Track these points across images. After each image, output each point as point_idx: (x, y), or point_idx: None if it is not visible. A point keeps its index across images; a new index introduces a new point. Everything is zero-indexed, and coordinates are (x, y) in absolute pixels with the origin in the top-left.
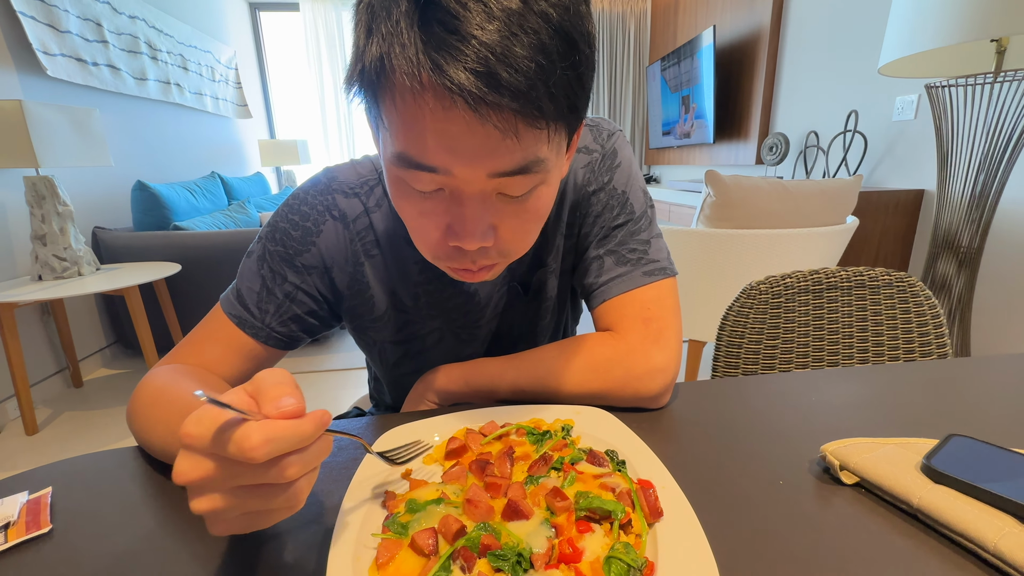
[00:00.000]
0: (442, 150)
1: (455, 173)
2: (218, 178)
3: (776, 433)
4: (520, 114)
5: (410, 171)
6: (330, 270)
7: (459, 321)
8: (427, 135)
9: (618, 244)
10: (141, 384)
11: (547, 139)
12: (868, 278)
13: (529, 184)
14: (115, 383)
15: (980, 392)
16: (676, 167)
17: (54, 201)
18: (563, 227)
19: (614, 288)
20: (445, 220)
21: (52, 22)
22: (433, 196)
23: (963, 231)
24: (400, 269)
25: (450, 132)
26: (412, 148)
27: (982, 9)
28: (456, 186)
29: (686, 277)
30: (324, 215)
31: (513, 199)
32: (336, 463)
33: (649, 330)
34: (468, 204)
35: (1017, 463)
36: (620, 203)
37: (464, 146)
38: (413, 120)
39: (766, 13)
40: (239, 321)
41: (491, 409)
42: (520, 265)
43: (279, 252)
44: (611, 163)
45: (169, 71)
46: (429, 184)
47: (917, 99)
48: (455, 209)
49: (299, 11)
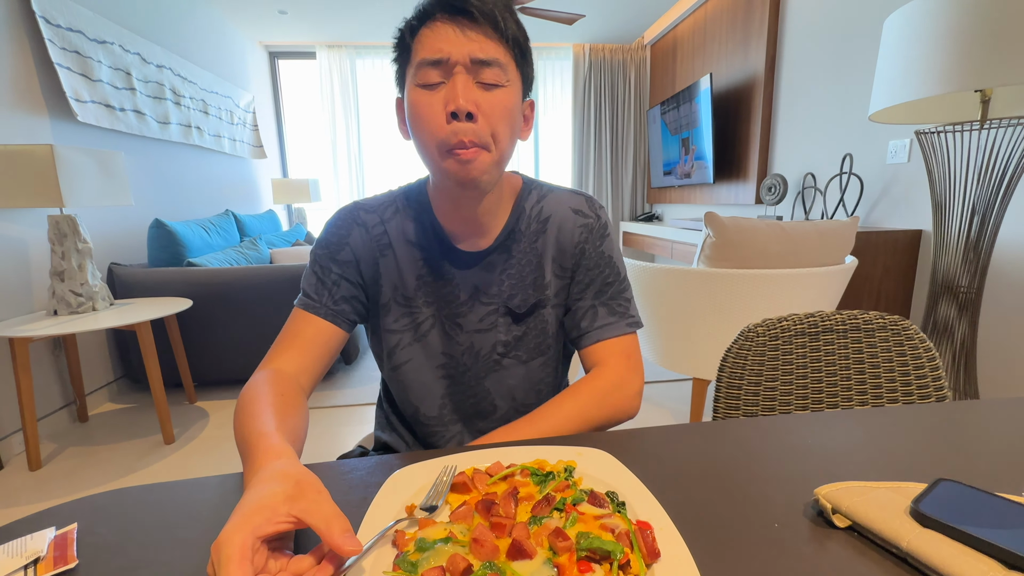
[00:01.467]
0: (443, 45)
1: (451, 57)
2: (232, 216)
3: (772, 476)
4: (489, 23)
5: (425, 71)
6: (360, 262)
7: (446, 310)
8: (438, 40)
9: (609, 298)
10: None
11: (504, 52)
12: (863, 321)
13: (495, 78)
14: (120, 418)
15: (972, 436)
16: (678, 206)
17: (75, 239)
18: (557, 268)
19: (606, 332)
20: (445, 101)
21: (85, 72)
22: (437, 89)
23: (961, 274)
24: (406, 264)
25: (450, 32)
26: (426, 52)
27: (965, 62)
28: (452, 74)
29: (688, 315)
30: (352, 224)
31: (486, 88)
32: (349, 501)
33: (630, 363)
34: (458, 82)
35: (1003, 508)
36: (609, 266)
37: (453, 41)
38: (433, 34)
39: (760, 62)
40: (305, 305)
41: (497, 449)
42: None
43: (325, 254)
44: (603, 233)
45: (191, 115)
46: (435, 77)
47: (909, 143)
48: (451, 90)
49: (315, 59)
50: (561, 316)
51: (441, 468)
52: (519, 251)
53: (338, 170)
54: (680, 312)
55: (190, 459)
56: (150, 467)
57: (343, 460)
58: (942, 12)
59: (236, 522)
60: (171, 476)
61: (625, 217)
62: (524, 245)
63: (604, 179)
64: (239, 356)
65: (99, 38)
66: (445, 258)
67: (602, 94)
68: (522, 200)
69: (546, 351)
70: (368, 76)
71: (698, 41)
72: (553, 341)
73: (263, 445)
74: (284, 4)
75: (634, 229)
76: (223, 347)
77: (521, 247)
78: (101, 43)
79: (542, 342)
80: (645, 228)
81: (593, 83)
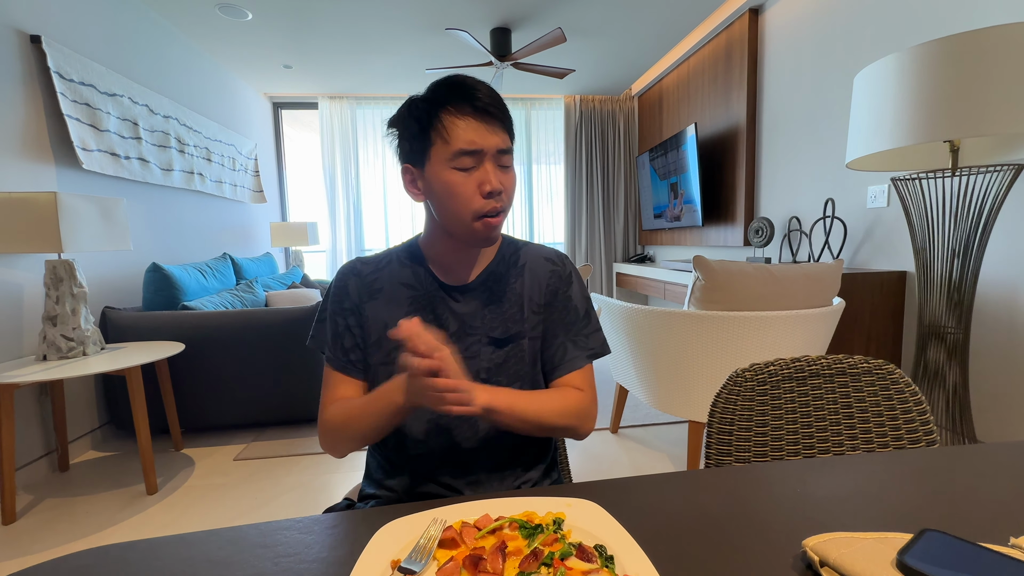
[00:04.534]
0: (479, 136)
1: (484, 148)
2: (228, 259)
3: (762, 526)
4: (499, 119)
5: (461, 158)
6: (358, 308)
7: None
8: (470, 131)
9: (574, 335)
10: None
11: (510, 138)
12: (848, 365)
13: (509, 162)
14: (102, 467)
15: (959, 483)
16: (669, 247)
17: (71, 283)
18: (533, 305)
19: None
20: (478, 181)
21: (94, 123)
22: (471, 172)
23: (947, 316)
24: (397, 303)
25: (479, 127)
26: (463, 142)
27: (932, 116)
28: (482, 162)
29: (681, 357)
30: (350, 275)
31: (504, 170)
32: (335, 558)
33: (592, 393)
34: (489, 167)
35: (987, 560)
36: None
37: (486, 135)
38: (464, 125)
39: (741, 112)
40: (330, 362)
41: (485, 501)
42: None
43: (334, 309)
44: (568, 280)
45: (194, 162)
46: (470, 162)
47: (888, 188)
48: (482, 173)
49: (317, 109)
50: (537, 348)
51: (429, 521)
52: (499, 290)
53: (336, 214)
54: (673, 354)
55: (173, 510)
56: (130, 519)
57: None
58: (909, 69)
59: None
60: (152, 529)
61: (618, 258)
62: (504, 284)
63: (596, 221)
64: (229, 401)
65: (110, 91)
66: (435, 295)
67: (593, 141)
68: (502, 250)
69: (523, 377)
70: (368, 125)
71: (683, 93)
72: (529, 368)
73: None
74: (289, 59)
75: (627, 270)
76: (214, 392)
77: (501, 286)
78: (111, 96)
79: (520, 369)
80: (638, 269)
81: (584, 131)
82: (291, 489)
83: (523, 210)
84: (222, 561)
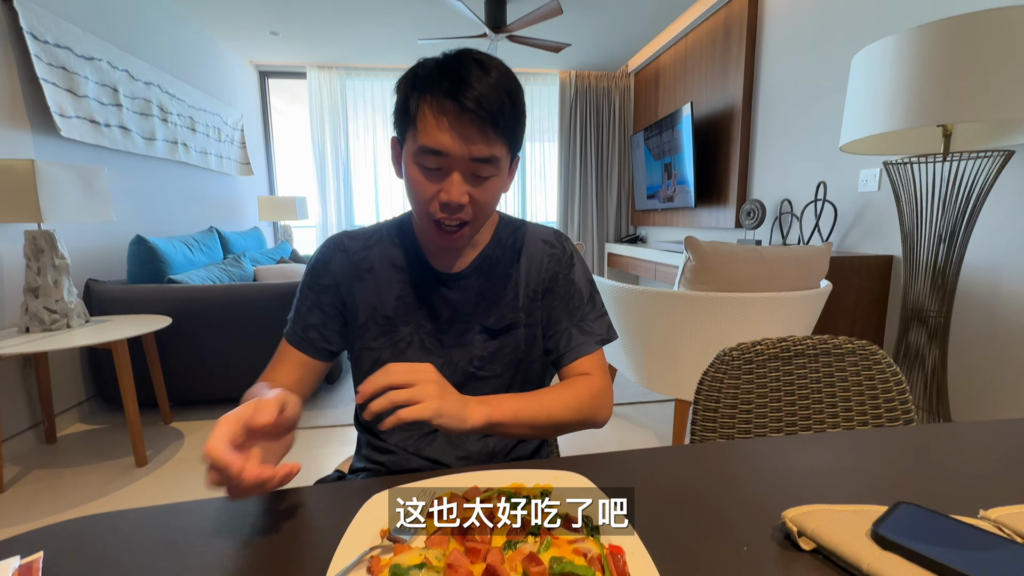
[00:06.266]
0: (447, 139)
1: (451, 154)
2: (216, 233)
3: (743, 499)
4: (488, 123)
5: (425, 156)
6: (339, 285)
7: (426, 328)
8: (440, 132)
9: (579, 320)
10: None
11: (500, 147)
12: (832, 346)
13: (489, 172)
14: (90, 439)
15: (933, 459)
16: (661, 228)
17: (52, 254)
18: (530, 291)
19: (578, 352)
20: (439, 187)
21: (72, 88)
22: (435, 173)
23: (930, 300)
24: (387, 285)
25: (453, 130)
26: (431, 139)
27: (927, 100)
28: (450, 166)
29: (670, 337)
30: (335, 250)
31: (479, 180)
32: (324, 528)
33: (606, 377)
34: (454, 178)
35: (958, 531)
36: (576, 292)
37: (458, 137)
38: (435, 123)
39: (738, 92)
40: (285, 332)
41: (474, 473)
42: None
43: (308, 282)
44: (569, 262)
45: (177, 132)
46: (433, 163)
47: (879, 173)
48: (446, 182)
49: (306, 79)
50: (533, 336)
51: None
52: (495, 275)
53: (326, 188)
54: (662, 334)
55: (163, 483)
56: (120, 491)
57: (320, 485)
58: (905, 51)
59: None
60: (142, 501)
61: (610, 239)
62: (500, 270)
63: (589, 201)
64: (219, 375)
65: (87, 55)
66: (427, 281)
67: (587, 119)
68: (499, 232)
69: (517, 366)
70: (358, 97)
71: (679, 71)
72: (524, 356)
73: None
74: (276, 25)
75: (619, 251)
76: (202, 366)
77: (497, 272)
78: (89, 60)
79: (514, 358)
80: (629, 250)
81: (579, 108)
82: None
83: (516, 188)
84: (211, 530)
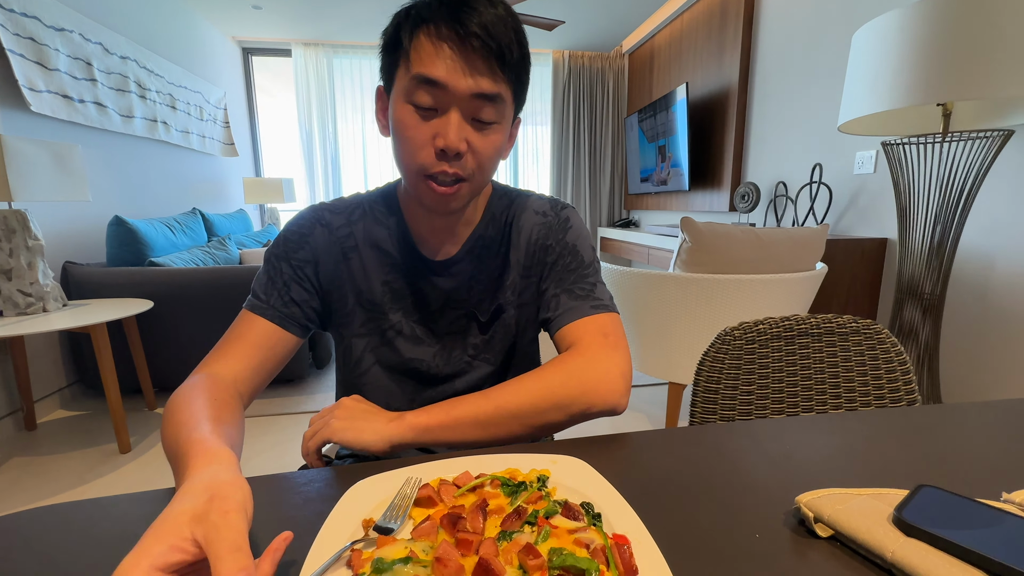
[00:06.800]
0: (446, 69)
1: (451, 86)
2: (199, 214)
3: (752, 483)
4: (495, 56)
5: (419, 88)
6: (318, 263)
7: (415, 315)
8: (440, 59)
9: (571, 283)
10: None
11: (505, 87)
12: (836, 325)
13: (492, 115)
14: (72, 426)
15: (948, 440)
16: (654, 212)
17: (24, 235)
18: (521, 268)
19: (567, 317)
20: (435, 130)
21: (41, 60)
22: (429, 114)
23: (925, 279)
24: (372, 268)
25: (454, 58)
26: (427, 68)
27: (928, 77)
28: (447, 103)
29: (664, 319)
30: (315, 224)
31: (480, 126)
32: (303, 517)
33: (608, 341)
34: (452, 117)
35: (984, 515)
36: (571, 253)
37: (461, 68)
38: (434, 50)
39: (734, 72)
40: (251, 306)
41: (466, 458)
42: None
43: (280, 253)
44: (564, 226)
45: (157, 109)
46: (428, 100)
47: (875, 154)
48: (443, 122)
49: (291, 56)
50: (527, 316)
51: (404, 479)
52: (487, 257)
53: (313, 171)
54: (656, 317)
55: (147, 469)
56: (103, 478)
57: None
58: (908, 26)
59: (135, 551)
60: (125, 488)
61: (603, 223)
62: (492, 250)
63: (582, 184)
64: None
65: (57, 25)
66: (414, 266)
67: (581, 100)
68: (492, 207)
69: (506, 349)
70: (345, 76)
71: (674, 51)
72: (517, 339)
73: (196, 451)
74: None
75: (611, 235)
76: (187, 351)
77: (490, 253)
78: (59, 31)
79: (505, 342)
80: (622, 234)
81: (572, 89)
82: (269, 448)
83: (508, 171)
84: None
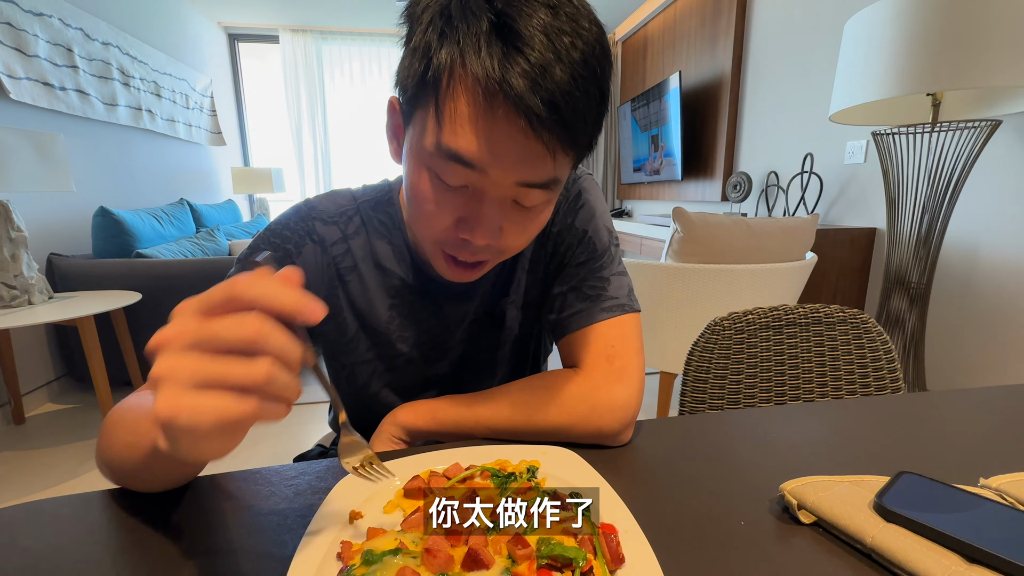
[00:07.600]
0: (488, 152)
1: (490, 174)
2: (187, 205)
3: (738, 471)
4: (561, 140)
5: (447, 163)
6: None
7: (428, 343)
8: (480, 136)
9: (579, 281)
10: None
11: (566, 165)
12: (824, 315)
13: (542, 199)
14: (61, 419)
15: (929, 427)
16: (647, 202)
17: (7, 227)
18: (526, 262)
19: (573, 323)
20: (460, 214)
21: (19, 46)
22: (456, 191)
23: (912, 269)
24: (375, 291)
25: (501, 139)
26: (460, 143)
27: (918, 66)
28: (483, 187)
29: (656, 309)
30: (305, 239)
31: (524, 209)
32: (291, 510)
33: (612, 368)
34: (488, 204)
35: (962, 501)
36: (581, 241)
37: (508, 153)
38: (474, 120)
39: (727, 61)
40: None
41: (456, 450)
42: (487, 296)
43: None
44: (575, 206)
45: (141, 97)
46: (458, 179)
47: (866, 144)
48: (474, 206)
49: (278, 43)
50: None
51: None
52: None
53: (303, 160)
54: (647, 306)
55: None
56: (92, 472)
57: (296, 463)
58: (900, 16)
59: None
60: None
61: None
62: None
63: None
64: None
65: (35, 10)
66: (424, 288)
67: None
68: None
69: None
70: (334, 63)
71: (668, 39)
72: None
73: None
74: None
75: None
76: None
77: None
78: (38, 15)
79: (520, 346)
80: (615, 224)
81: None
82: (262, 439)
83: None
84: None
